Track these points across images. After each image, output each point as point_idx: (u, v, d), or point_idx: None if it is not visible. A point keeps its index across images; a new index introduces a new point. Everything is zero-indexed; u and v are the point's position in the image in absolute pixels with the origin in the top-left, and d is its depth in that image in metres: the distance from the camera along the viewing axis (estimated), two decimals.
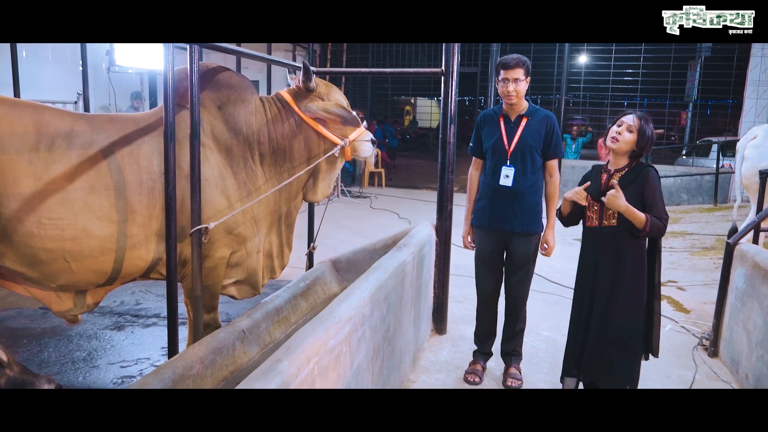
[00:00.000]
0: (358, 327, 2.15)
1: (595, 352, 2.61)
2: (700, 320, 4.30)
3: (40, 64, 10.13)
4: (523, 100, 3.08)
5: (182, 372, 2.25)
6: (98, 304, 2.69)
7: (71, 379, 3.05)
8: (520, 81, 2.98)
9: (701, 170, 10.49)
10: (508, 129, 3.10)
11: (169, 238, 2.40)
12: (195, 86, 2.36)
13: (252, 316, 2.85)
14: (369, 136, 3.09)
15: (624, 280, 2.54)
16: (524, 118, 3.08)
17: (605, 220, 2.58)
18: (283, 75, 12.68)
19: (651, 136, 2.52)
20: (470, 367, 3.30)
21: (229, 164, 2.71)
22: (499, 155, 3.10)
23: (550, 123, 3.08)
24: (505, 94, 3.01)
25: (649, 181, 2.50)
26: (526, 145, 3.06)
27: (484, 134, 3.21)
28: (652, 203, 2.49)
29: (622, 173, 2.56)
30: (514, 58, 2.99)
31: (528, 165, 3.07)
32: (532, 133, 3.07)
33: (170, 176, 2.34)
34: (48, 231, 2.33)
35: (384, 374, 2.61)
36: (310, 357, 1.69)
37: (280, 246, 3.07)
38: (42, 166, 2.33)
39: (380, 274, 2.57)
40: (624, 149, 2.53)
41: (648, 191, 2.49)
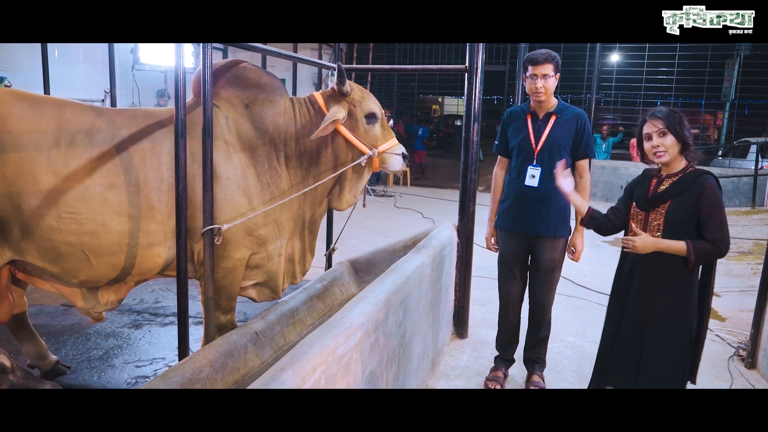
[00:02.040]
0: (371, 333, 2.05)
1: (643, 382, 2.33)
2: (737, 329, 4.10)
3: (72, 64, 10.31)
4: (552, 96, 2.95)
5: (191, 376, 2.19)
6: (121, 301, 2.68)
7: (86, 378, 3.03)
8: (549, 77, 2.85)
9: (738, 172, 10.12)
10: (535, 127, 2.97)
11: (179, 237, 2.34)
12: (207, 83, 2.30)
13: (266, 318, 2.79)
14: (400, 149, 2.92)
15: (665, 300, 2.24)
16: (553, 116, 2.94)
17: (650, 232, 2.26)
18: (308, 74, 12.65)
19: (683, 122, 2.20)
20: (491, 374, 3.19)
21: (253, 164, 2.64)
22: (526, 154, 2.97)
23: (581, 121, 2.93)
24: (534, 90, 2.88)
25: (705, 192, 2.13)
26: (554, 144, 2.91)
27: (510, 132, 3.08)
28: (707, 219, 2.12)
29: (674, 179, 2.22)
30: (542, 53, 2.85)
31: (555, 164, 2.90)
32: (561, 132, 2.92)
33: (181, 175, 2.28)
34: (67, 225, 2.35)
35: (400, 381, 2.52)
36: (316, 366, 1.60)
37: (302, 251, 2.97)
38: (62, 162, 2.34)
39: (396, 278, 2.48)
40: (674, 153, 2.20)
41: (703, 205, 2.12)
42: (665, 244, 2.16)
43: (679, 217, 2.17)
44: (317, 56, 9.81)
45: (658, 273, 2.25)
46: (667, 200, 2.20)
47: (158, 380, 2.11)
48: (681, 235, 2.16)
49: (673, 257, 2.18)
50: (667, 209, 2.20)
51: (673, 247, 2.15)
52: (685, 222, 2.16)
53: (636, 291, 2.32)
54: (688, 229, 2.16)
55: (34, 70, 8.20)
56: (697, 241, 2.14)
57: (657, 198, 2.22)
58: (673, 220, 2.18)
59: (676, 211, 2.17)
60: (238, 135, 2.63)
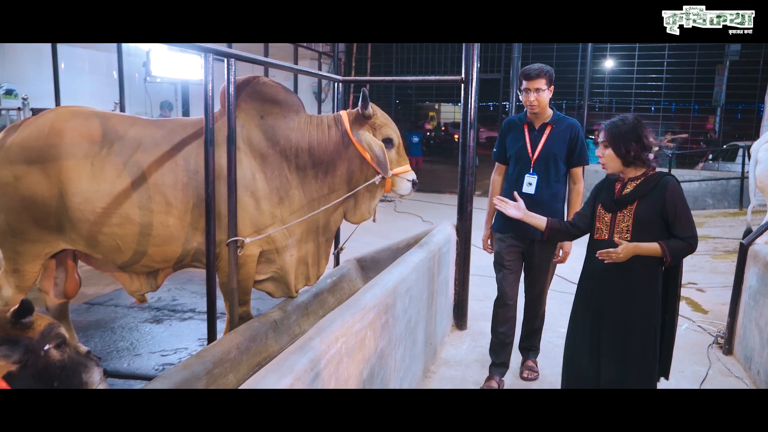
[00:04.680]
0: (382, 315, 2.34)
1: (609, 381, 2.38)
2: (718, 320, 4.38)
3: (78, 75, 10.59)
4: (546, 108, 3.11)
5: (221, 356, 2.47)
6: (160, 285, 3.06)
7: (116, 365, 3.29)
8: (541, 91, 3.01)
9: (727, 174, 10.44)
10: (532, 137, 3.13)
11: (208, 233, 2.63)
12: (231, 95, 2.59)
13: (283, 308, 3.07)
14: (412, 176, 3.12)
15: (636, 303, 2.30)
16: (549, 126, 3.11)
17: (617, 234, 2.30)
18: (308, 83, 12.84)
19: (634, 138, 2.24)
20: (485, 383, 3.22)
21: (262, 169, 2.91)
22: (523, 163, 3.13)
23: (574, 131, 3.10)
24: (528, 103, 3.05)
25: (668, 193, 2.21)
26: (550, 153, 3.09)
27: (508, 141, 3.24)
28: (674, 218, 2.20)
29: (637, 182, 2.29)
30: (535, 69, 3.01)
31: (551, 173, 3.10)
32: (557, 142, 3.09)
33: (210, 178, 2.56)
34: (100, 218, 2.74)
35: (406, 362, 2.79)
36: (338, 337, 1.88)
37: (316, 256, 3.19)
38: (100, 166, 2.76)
39: (402, 269, 2.76)
40: (614, 167, 2.31)
41: (669, 206, 2.21)
42: (642, 248, 2.21)
43: (647, 218, 2.24)
44: (317, 66, 10.13)
45: (629, 275, 2.29)
46: (634, 201, 2.27)
47: (193, 359, 2.38)
48: (650, 234, 2.24)
49: (641, 259, 2.24)
50: (635, 211, 2.26)
51: (650, 249, 2.21)
52: (653, 222, 2.24)
53: (607, 294, 2.36)
54: (656, 229, 2.24)
55: (41, 82, 8.50)
56: (670, 240, 2.21)
57: (623, 199, 2.29)
58: (642, 221, 2.25)
59: (644, 212, 2.24)
60: (249, 142, 2.91)
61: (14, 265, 2.86)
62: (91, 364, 2.31)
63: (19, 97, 5.53)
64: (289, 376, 1.55)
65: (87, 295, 4.57)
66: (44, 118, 2.83)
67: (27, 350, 1.86)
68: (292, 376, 1.55)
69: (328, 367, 1.79)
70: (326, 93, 11.70)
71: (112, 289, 4.69)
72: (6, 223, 2.78)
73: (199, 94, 2.60)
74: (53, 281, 3.09)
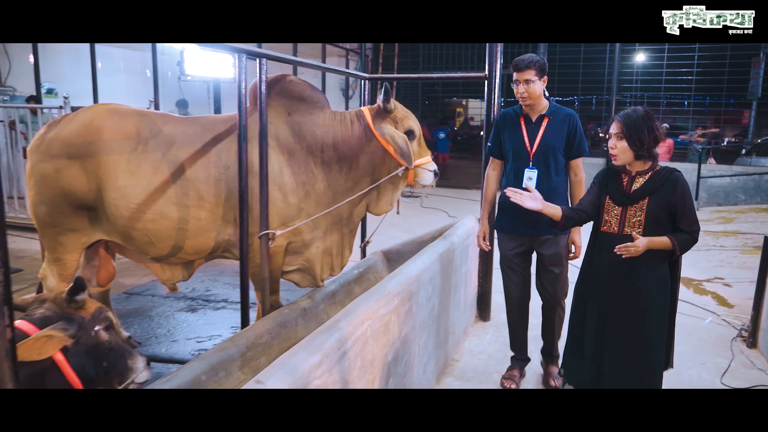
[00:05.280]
0: (406, 301, 2.45)
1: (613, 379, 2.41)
2: (743, 314, 4.37)
3: (114, 74, 10.96)
4: (540, 100, 3.01)
5: (254, 340, 2.61)
6: (191, 275, 3.18)
7: (155, 350, 3.48)
8: (531, 82, 2.91)
9: (760, 169, 10.26)
10: (529, 130, 3.04)
11: (242, 226, 2.78)
12: (263, 94, 2.73)
13: (311, 297, 3.21)
14: (433, 166, 3.22)
15: (646, 297, 2.34)
16: (546, 118, 3.01)
17: (628, 228, 2.33)
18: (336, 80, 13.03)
19: (646, 128, 2.27)
20: (507, 373, 3.27)
21: (289, 164, 3.05)
22: (521, 157, 3.04)
23: (572, 121, 3.00)
24: (518, 95, 2.96)
25: (678, 189, 2.28)
26: (548, 146, 2.99)
27: (504, 136, 3.15)
28: (683, 214, 2.28)
29: (645, 177, 2.34)
30: (524, 60, 2.93)
31: (551, 166, 3.01)
32: (555, 134, 2.99)
33: (243, 172, 2.71)
34: (134, 214, 2.87)
35: (429, 349, 2.90)
36: (363, 320, 2.00)
37: (340, 246, 3.32)
38: (136, 163, 2.88)
39: (426, 258, 2.87)
40: (626, 158, 2.33)
41: (678, 201, 2.27)
42: (655, 242, 2.25)
43: (658, 214, 2.29)
44: (344, 64, 10.28)
45: (640, 269, 2.33)
46: (645, 197, 2.31)
47: (228, 342, 2.53)
48: (660, 228, 2.29)
49: (650, 252, 2.27)
50: (647, 206, 2.30)
51: (661, 243, 2.25)
52: (663, 217, 2.29)
53: (616, 288, 2.39)
54: (664, 224, 2.31)
55: (78, 81, 8.85)
56: (677, 234, 2.28)
57: (636, 195, 2.32)
58: (654, 217, 2.29)
59: (656, 207, 2.29)
60: (277, 138, 3.05)
61: (56, 254, 3.03)
62: (136, 352, 2.48)
63: (60, 96, 5.79)
64: (318, 353, 1.67)
65: (125, 286, 4.79)
66: (83, 115, 2.96)
67: (80, 327, 2.03)
68: (321, 354, 1.68)
69: (354, 347, 1.91)
70: (353, 90, 11.86)
71: (148, 280, 4.91)
72: (47, 214, 2.93)
73: (229, 92, 2.76)
74: (95, 270, 3.28)
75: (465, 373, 3.35)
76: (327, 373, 1.70)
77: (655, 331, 2.37)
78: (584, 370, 2.50)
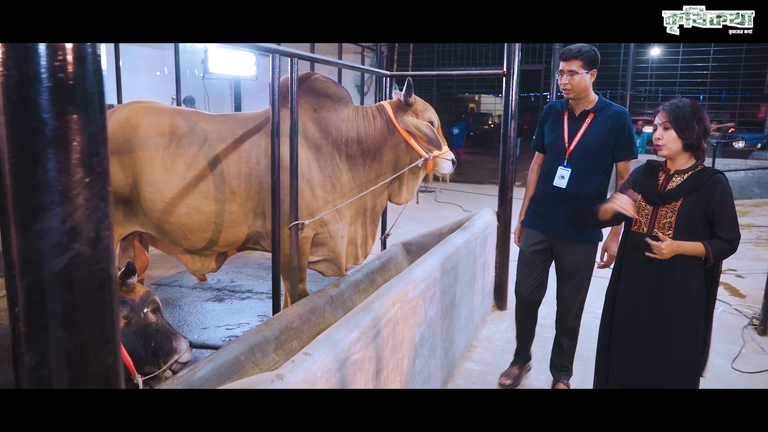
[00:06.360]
0: (431, 287, 2.60)
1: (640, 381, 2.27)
2: (755, 304, 4.47)
3: (135, 72, 11.19)
4: (588, 93, 2.80)
5: (286, 324, 2.78)
6: (220, 266, 3.33)
7: (188, 337, 3.65)
8: (575, 73, 2.71)
9: None
10: (570, 125, 2.85)
11: (274, 217, 2.94)
12: (294, 91, 2.89)
13: (338, 285, 3.37)
14: (450, 156, 3.37)
15: (677, 301, 2.18)
16: (590, 115, 2.80)
17: (658, 229, 2.18)
18: (351, 76, 13.16)
19: (696, 119, 2.12)
20: (507, 369, 3.23)
21: (317, 159, 3.20)
22: (557, 154, 2.87)
23: (621, 120, 2.76)
24: (561, 87, 2.80)
25: (718, 192, 2.09)
26: (588, 144, 2.78)
27: (547, 128, 3.00)
28: (721, 219, 2.10)
29: (684, 176, 2.17)
30: (571, 49, 2.74)
31: (588, 166, 2.79)
32: (598, 132, 2.77)
33: (275, 166, 2.87)
34: (168, 207, 3.02)
35: (451, 333, 3.05)
36: (395, 302, 2.15)
37: (364, 236, 3.49)
38: (170, 159, 3.03)
39: (448, 248, 3.01)
40: (674, 149, 2.16)
41: (717, 205, 2.09)
42: (685, 247, 2.10)
43: (691, 216, 2.13)
44: (360, 60, 10.40)
45: (670, 273, 2.18)
46: (680, 198, 2.15)
47: (263, 326, 2.70)
48: (692, 232, 2.13)
49: (683, 257, 2.14)
50: (680, 207, 2.15)
51: (693, 249, 2.10)
52: (696, 220, 2.13)
53: (645, 292, 2.25)
54: (698, 227, 2.13)
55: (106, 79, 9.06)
56: (713, 240, 2.11)
57: (669, 195, 2.17)
58: (686, 219, 2.13)
59: (689, 209, 2.13)
60: (305, 134, 3.20)
61: None
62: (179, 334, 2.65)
63: None
64: (356, 330, 1.83)
65: (153, 277, 4.98)
66: (120, 113, 3.10)
67: (131, 309, 2.21)
68: (359, 331, 1.83)
69: (387, 327, 2.06)
70: (368, 86, 12.00)
71: (175, 271, 5.10)
72: None
73: (249, 90, 2.90)
74: (131, 260, 3.46)
75: (484, 358, 3.49)
76: (364, 348, 1.85)
77: (687, 341, 2.19)
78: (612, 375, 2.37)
